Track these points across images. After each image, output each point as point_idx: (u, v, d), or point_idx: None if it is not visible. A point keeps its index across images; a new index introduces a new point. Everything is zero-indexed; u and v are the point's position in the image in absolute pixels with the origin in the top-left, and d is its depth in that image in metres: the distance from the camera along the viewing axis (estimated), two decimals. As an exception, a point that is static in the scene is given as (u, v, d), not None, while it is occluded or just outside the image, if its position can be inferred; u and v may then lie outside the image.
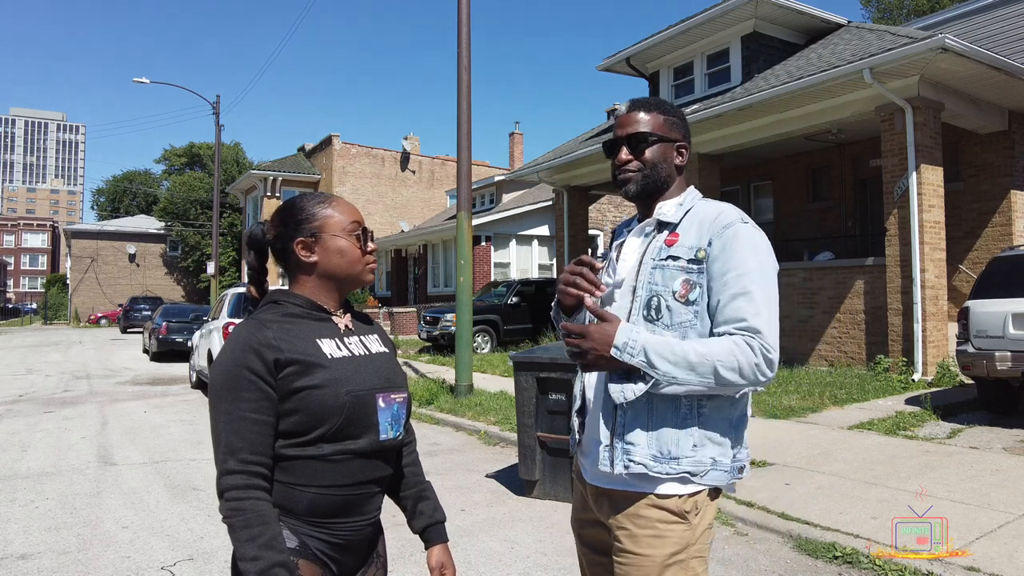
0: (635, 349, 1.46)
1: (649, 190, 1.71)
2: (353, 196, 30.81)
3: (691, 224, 1.62)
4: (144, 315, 30.02)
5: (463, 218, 9.47)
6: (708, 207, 1.66)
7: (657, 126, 1.71)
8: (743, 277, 1.52)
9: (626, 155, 1.71)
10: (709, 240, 1.57)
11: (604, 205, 23.26)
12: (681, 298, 1.55)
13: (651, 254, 1.63)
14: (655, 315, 1.57)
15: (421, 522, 1.64)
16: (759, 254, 1.56)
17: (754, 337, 1.47)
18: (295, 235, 1.50)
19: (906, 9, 30.20)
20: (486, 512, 4.79)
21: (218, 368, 1.39)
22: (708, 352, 1.45)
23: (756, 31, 12.52)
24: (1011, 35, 11.49)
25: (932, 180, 9.56)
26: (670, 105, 1.78)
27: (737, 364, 1.44)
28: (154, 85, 32.40)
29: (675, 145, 1.73)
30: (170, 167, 53.17)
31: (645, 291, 1.60)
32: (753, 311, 1.49)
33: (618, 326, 1.49)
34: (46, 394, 11.52)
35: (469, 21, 9.59)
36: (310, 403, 1.37)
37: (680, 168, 1.74)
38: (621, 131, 1.73)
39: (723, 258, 1.54)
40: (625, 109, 1.78)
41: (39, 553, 4.13)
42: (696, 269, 1.56)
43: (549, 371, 4.95)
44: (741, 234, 1.56)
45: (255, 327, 1.41)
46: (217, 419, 1.35)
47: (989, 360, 6.61)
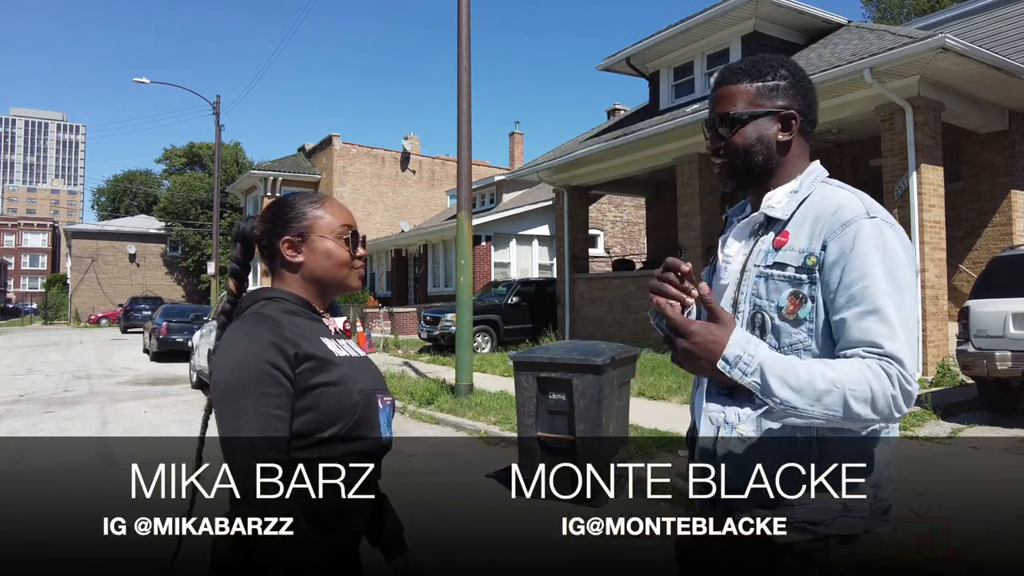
0: (749, 367, 1.18)
1: (749, 180, 1.42)
2: (353, 196, 30.83)
3: (804, 219, 1.32)
4: (144, 315, 29.99)
5: (463, 218, 9.47)
6: (828, 196, 1.33)
7: (747, 99, 1.38)
8: (870, 289, 1.22)
9: (711, 144, 1.42)
10: (823, 242, 1.27)
11: (604, 205, 23.26)
12: (789, 315, 1.29)
13: (755, 259, 1.36)
14: (760, 336, 1.31)
15: (383, 532, 1.57)
16: (889, 257, 1.24)
17: (892, 363, 1.19)
18: (283, 233, 1.46)
19: (906, 9, 30.19)
20: (487, 512, 4.79)
21: (232, 364, 1.30)
22: (838, 378, 1.17)
23: (756, 31, 12.51)
24: (1011, 35, 11.49)
25: (932, 180, 9.56)
26: (770, 63, 1.41)
27: (871, 395, 1.17)
28: (154, 85, 32.35)
29: (777, 116, 1.37)
30: (170, 167, 53.20)
31: (748, 305, 1.34)
32: (887, 333, 1.20)
33: (731, 332, 1.21)
34: (46, 394, 11.53)
35: (469, 21, 9.59)
36: (325, 400, 1.33)
37: (786, 144, 1.38)
38: (710, 112, 1.43)
39: (842, 266, 1.24)
40: (714, 82, 1.46)
41: (40, 554, 4.14)
42: (807, 280, 1.28)
43: (549, 371, 4.95)
44: (865, 233, 1.24)
45: (266, 321, 1.36)
46: (236, 417, 1.26)
47: (989, 360, 6.62)
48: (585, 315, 15.37)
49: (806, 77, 1.42)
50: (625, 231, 24.23)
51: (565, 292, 15.77)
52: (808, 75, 1.43)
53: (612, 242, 23.89)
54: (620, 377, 5.15)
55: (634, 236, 23.92)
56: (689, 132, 12.35)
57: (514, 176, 20.93)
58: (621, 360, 5.08)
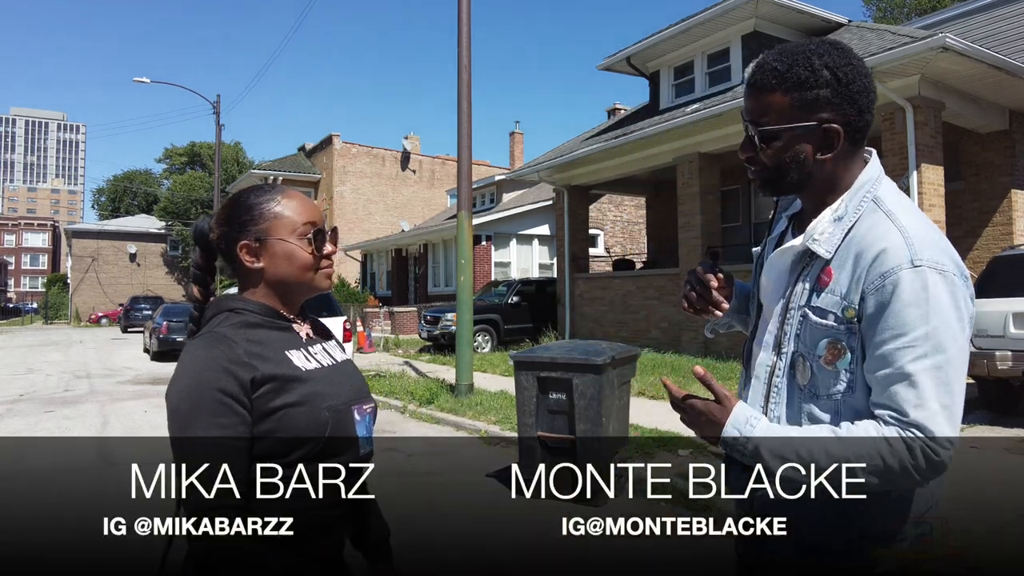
0: (746, 448, 1.17)
1: (783, 193, 1.31)
2: (353, 196, 30.85)
3: (847, 256, 1.20)
4: (145, 315, 29.98)
5: (463, 218, 9.47)
6: (875, 229, 1.18)
7: (777, 108, 1.21)
8: (903, 353, 1.11)
9: (742, 150, 1.28)
10: (862, 293, 1.16)
11: (604, 204, 23.26)
12: (828, 365, 1.20)
13: (798, 297, 1.25)
14: (801, 380, 1.24)
15: (367, 539, 1.50)
16: (933, 314, 1.12)
17: (916, 433, 1.11)
18: (239, 237, 1.34)
19: (907, 8, 30.18)
20: (487, 512, 4.79)
21: (184, 391, 1.23)
22: (845, 453, 1.12)
23: (756, 30, 12.51)
24: (1012, 34, 11.48)
25: (933, 179, 9.56)
26: (810, 65, 1.19)
27: (883, 466, 1.11)
28: (154, 84, 32.40)
29: (815, 130, 1.19)
30: (171, 166, 53.22)
31: (791, 346, 1.26)
32: (915, 400, 1.11)
33: (730, 412, 1.19)
34: (47, 393, 11.53)
35: (469, 20, 9.59)
36: (288, 423, 1.24)
37: (823, 163, 1.22)
38: (744, 110, 1.27)
39: (877, 322, 1.14)
40: (747, 74, 1.28)
41: (40, 554, 4.14)
42: (845, 330, 1.19)
43: (550, 370, 4.95)
44: (906, 286, 1.12)
45: (222, 343, 1.26)
46: (188, 448, 1.19)
47: (990, 360, 6.62)
48: (585, 315, 15.38)
49: (858, 75, 1.20)
50: (625, 231, 24.23)
51: (565, 292, 15.78)
52: (863, 65, 1.23)
53: (612, 242, 23.89)
54: (620, 377, 5.15)
55: (634, 236, 23.92)
56: (689, 132, 12.35)
57: (514, 176, 20.93)
58: (621, 360, 5.09)
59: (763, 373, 1.32)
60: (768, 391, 1.30)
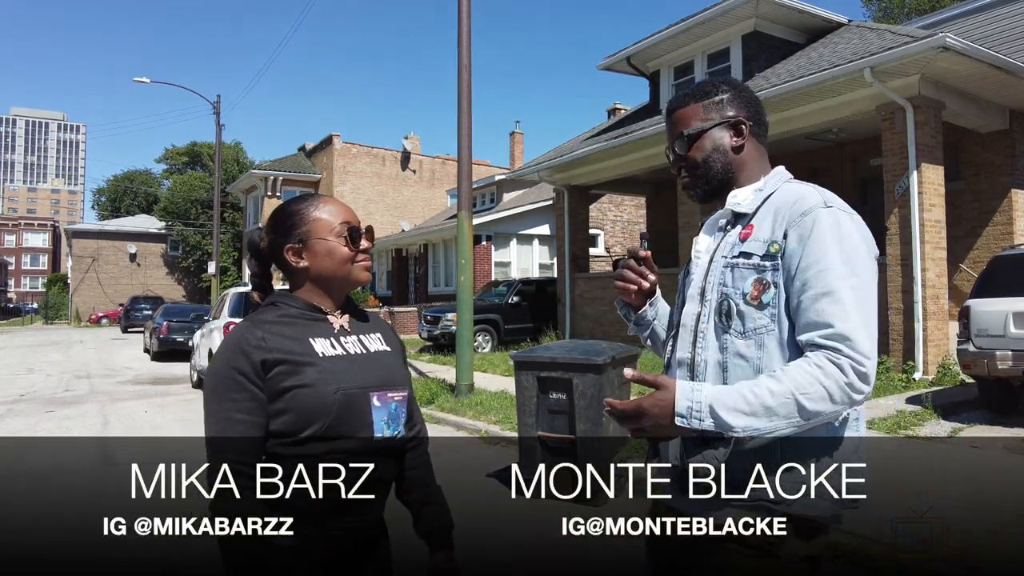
0: (701, 412, 1.26)
1: (713, 189, 1.52)
2: (354, 196, 30.82)
3: (768, 212, 1.42)
4: (145, 315, 29.98)
5: (464, 217, 9.47)
6: (788, 191, 1.43)
7: (695, 117, 1.50)
8: (825, 273, 1.29)
9: (673, 164, 1.54)
10: (784, 231, 1.36)
11: (604, 204, 23.26)
12: (753, 301, 1.37)
13: (723, 251, 1.45)
14: (726, 321, 1.40)
15: (423, 527, 1.65)
16: (846, 243, 1.32)
17: (841, 348, 1.25)
18: (285, 241, 1.52)
19: (907, 8, 30.18)
20: (487, 512, 4.79)
21: (210, 370, 1.43)
22: (787, 388, 1.24)
23: (756, 30, 12.51)
24: (1012, 34, 11.48)
25: (933, 179, 9.56)
26: (713, 83, 1.54)
27: (825, 392, 1.23)
28: (154, 85, 32.42)
29: (727, 125, 1.49)
30: (171, 167, 53.19)
31: (715, 294, 1.43)
32: (840, 314, 1.26)
33: (675, 390, 1.28)
34: (47, 394, 11.53)
35: (469, 20, 9.59)
36: (299, 402, 1.38)
37: (740, 148, 1.49)
38: (668, 140, 1.55)
39: (801, 251, 1.32)
40: (665, 111, 1.60)
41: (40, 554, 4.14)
42: (770, 266, 1.36)
43: (550, 370, 4.96)
44: (822, 221, 1.33)
45: (246, 328, 1.44)
46: (207, 420, 1.38)
47: (990, 359, 6.62)
48: (585, 314, 15.38)
49: (748, 89, 1.55)
50: (625, 230, 24.22)
51: (565, 291, 15.78)
52: (750, 89, 1.57)
53: (612, 241, 23.89)
54: (621, 377, 5.15)
55: (634, 236, 23.92)
56: (689, 131, 12.33)
57: (514, 176, 20.92)
58: (622, 359, 5.09)
59: (690, 321, 1.47)
60: (695, 337, 1.46)
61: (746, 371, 1.37)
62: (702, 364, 1.43)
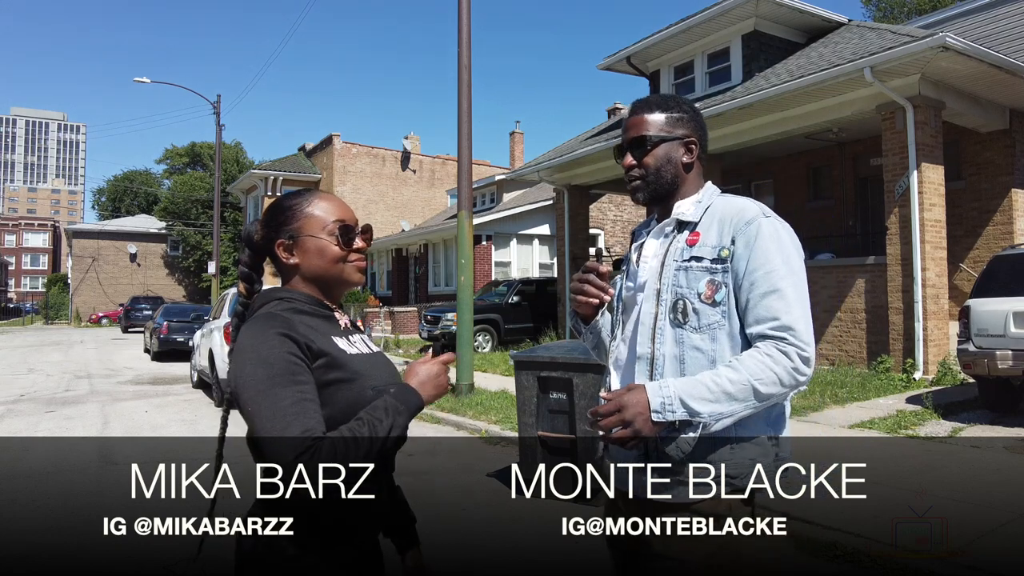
0: (674, 404, 1.43)
1: (658, 195, 1.67)
2: (354, 195, 30.82)
3: (712, 222, 1.60)
4: (145, 315, 30.00)
5: (464, 217, 9.47)
6: (728, 203, 1.62)
7: (658, 126, 1.65)
8: (771, 274, 1.49)
9: (630, 161, 1.67)
10: (732, 238, 1.54)
11: (604, 204, 23.25)
12: (707, 299, 1.53)
13: (673, 255, 1.60)
14: (682, 318, 1.55)
15: (396, 526, 1.59)
16: (785, 249, 1.53)
17: (786, 338, 1.45)
18: (276, 236, 1.48)
19: (907, 8, 30.17)
20: (487, 512, 4.79)
21: (257, 361, 1.28)
22: (742, 376, 1.43)
23: (756, 30, 12.50)
24: (1012, 34, 11.47)
25: (933, 179, 9.55)
26: (675, 100, 1.71)
27: (775, 376, 1.43)
28: (155, 84, 32.41)
29: (681, 142, 1.67)
30: (171, 167, 53.19)
31: (670, 294, 1.57)
32: (784, 308, 1.47)
33: (646, 388, 1.45)
34: (47, 394, 11.53)
35: (469, 20, 9.59)
36: (340, 398, 1.33)
37: (689, 165, 1.68)
38: (624, 136, 1.69)
39: (748, 256, 1.52)
40: (628, 112, 1.73)
41: (40, 553, 4.14)
42: (720, 268, 1.54)
43: (550, 370, 4.96)
44: (764, 229, 1.53)
45: (278, 319, 1.35)
46: (268, 415, 1.22)
47: (990, 359, 6.62)
48: (586, 314, 15.35)
49: (700, 113, 1.74)
50: (626, 230, 24.21)
51: (566, 291, 15.77)
52: (701, 113, 1.77)
53: (612, 241, 23.89)
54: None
55: (635, 235, 23.90)
56: (689, 131, 12.33)
57: (514, 175, 20.92)
58: (621, 359, 5.08)
59: (648, 320, 1.60)
60: (653, 333, 1.60)
61: (702, 362, 1.53)
62: (661, 358, 1.58)
